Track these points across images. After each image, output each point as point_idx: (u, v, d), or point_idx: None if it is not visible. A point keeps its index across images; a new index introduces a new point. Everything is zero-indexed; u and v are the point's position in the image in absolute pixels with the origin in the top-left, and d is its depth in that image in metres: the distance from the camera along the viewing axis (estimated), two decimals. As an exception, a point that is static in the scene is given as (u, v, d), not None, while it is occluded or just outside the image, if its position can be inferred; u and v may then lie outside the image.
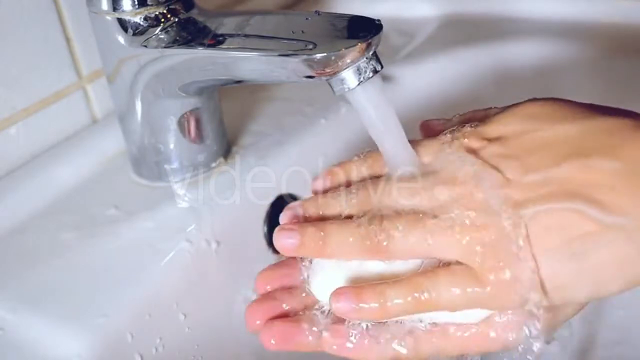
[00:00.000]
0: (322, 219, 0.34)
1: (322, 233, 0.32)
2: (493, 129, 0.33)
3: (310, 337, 0.32)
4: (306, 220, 0.34)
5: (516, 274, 0.29)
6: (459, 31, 0.65)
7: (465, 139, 0.33)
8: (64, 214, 0.43)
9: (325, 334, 0.32)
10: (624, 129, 0.30)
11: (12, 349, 0.35)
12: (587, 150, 0.29)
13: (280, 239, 0.33)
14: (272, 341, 0.32)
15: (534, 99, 0.33)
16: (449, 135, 0.34)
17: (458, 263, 0.30)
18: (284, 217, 0.35)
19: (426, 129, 0.38)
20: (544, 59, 0.60)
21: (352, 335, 0.31)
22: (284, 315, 0.33)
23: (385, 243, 0.31)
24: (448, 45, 0.62)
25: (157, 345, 0.38)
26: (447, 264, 0.31)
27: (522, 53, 0.61)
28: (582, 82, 0.58)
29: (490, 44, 0.62)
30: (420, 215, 0.31)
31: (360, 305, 0.31)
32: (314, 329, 0.32)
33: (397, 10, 0.68)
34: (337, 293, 0.31)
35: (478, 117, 0.35)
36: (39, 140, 0.47)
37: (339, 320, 0.32)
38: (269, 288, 0.35)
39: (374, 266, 0.33)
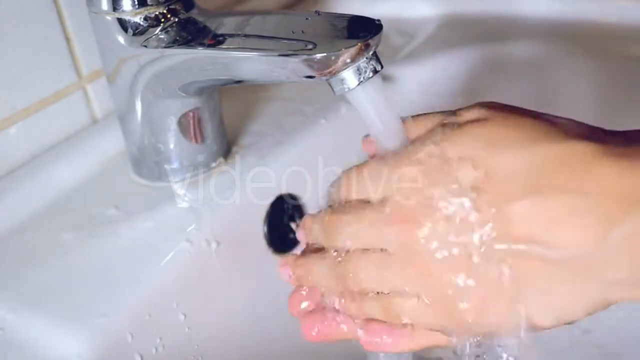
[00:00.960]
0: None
1: (306, 269, 0.34)
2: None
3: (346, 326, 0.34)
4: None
5: (466, 318, 0.29)
6: (459, 31, 0.65)
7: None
8: (64, 214, 0.43)
9: (360, 332, 0.33)
10: (581, 158, 0.28)
11: (12, 349, 0.35)
12: (539, 187, 0.28)
13: (282, 274, 0.36)
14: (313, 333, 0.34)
15: (480, 119, 0.30)
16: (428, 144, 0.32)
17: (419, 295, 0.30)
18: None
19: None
20: (544, 59, 0.60)
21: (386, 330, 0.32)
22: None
23: (352, 279, 0.32)
24: (448, 45, 0.62)
25: (157, 345, 0.38)
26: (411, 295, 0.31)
27: (522, 53, 0.61)
28: (581, 82, 0.58)
29: (490, 44, 0.62)
30: (384, 251, 0.31)
31: (348, 314, 0.33)
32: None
33: (397, 10, 0.67)
34: None
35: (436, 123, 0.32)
36: (39, 140, 0.47)
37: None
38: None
39: None
